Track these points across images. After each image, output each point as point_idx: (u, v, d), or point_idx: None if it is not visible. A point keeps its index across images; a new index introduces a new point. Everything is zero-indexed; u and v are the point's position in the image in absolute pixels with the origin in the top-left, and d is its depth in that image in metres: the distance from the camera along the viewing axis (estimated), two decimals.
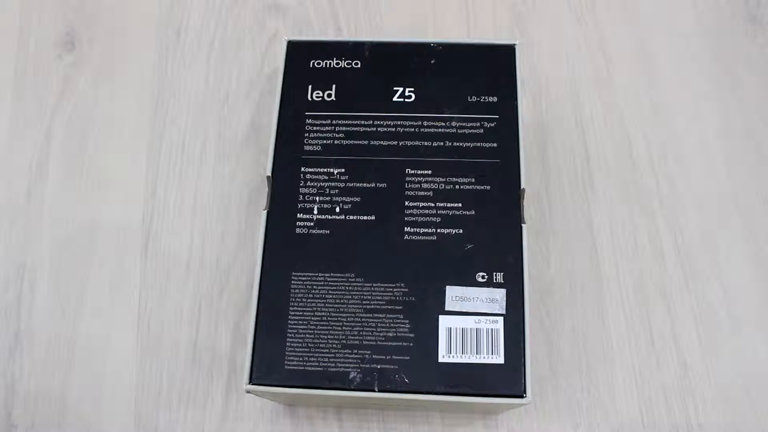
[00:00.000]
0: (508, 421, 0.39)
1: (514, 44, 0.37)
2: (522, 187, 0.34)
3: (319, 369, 0.31)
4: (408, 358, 0.31)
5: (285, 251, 0.33)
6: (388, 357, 0.31)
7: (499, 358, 0.31)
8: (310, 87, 0.36)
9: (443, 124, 0.35)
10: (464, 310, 0.32)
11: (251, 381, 0.31)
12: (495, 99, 0.36)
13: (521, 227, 0.33)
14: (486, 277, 0.33)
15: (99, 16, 0.49)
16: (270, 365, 0.31)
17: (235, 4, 0.50)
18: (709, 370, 0.41)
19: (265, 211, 0.34)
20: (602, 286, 0.42)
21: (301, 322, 0.32)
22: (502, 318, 0.32)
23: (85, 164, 0.45)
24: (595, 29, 0.50)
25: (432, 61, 0.37)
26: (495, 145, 0.35)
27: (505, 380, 0.31)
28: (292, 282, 0.33)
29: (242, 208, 0.44)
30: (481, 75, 0.37)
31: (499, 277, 0.33)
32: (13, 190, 0.45)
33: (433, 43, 0.37)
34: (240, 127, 0.46)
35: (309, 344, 0.31)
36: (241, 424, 0.39)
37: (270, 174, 0.35)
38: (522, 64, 0.37)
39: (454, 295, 0.32)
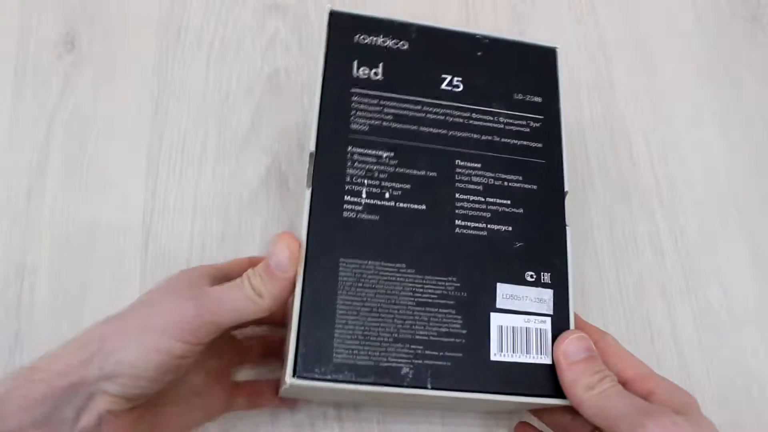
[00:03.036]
0: (508, 421, 0.39)
1: (555, 48, 0.37)
2: (566, 190, 0.34)
3: (370, 363, 0.29)
4: (460, 355, 0.30)
5: (331, 235, 0.31)
6: (440, 353, 0.30)
7: (547, 359, 0.31)
8: (355, 62, 0.34)
9: (491, 118, 0.35)
10: (515, 309, 0.31)
11: (296, 374, 0.28)
12: (539, 99, 0.36)
13: (566, 229, 0.33)
14: (534, 276, 0.32)
15: (99, 16, 0.49)
16: (317, 357, 0.29)
17: (235, 4, 0.50)
18: (709, 370, 0.41)
19: (309, 189, 0.32)
20: (602, 286, 0.42)
21: (350, 312, 0.30)
22: (549, 318, 0.32)
23: (85, 164, 0.45)
24: (595, 29, 0.50)
25: (479, 54, 0.36)
26: (540, 145, 0.35)
27: (553, 381, 0.31)
28: (341, 269, 0.30)
29: (242, 208, 0.44)
30: (525, 74, 0.36)
31: (546, 277, 0.32)
32: (13, 190, 0.44)
33: (480, 35, 0.37)
34: (240, 127, 0.46)
35: (359, 336, 0.29)
36: (242, 424, 0.39)
37: (314, 150, 0.32)
38: (561, 67, 0.37)
39: (505, 293, 0.32)
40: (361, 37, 0.35)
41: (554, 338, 0.31)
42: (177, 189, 0.45)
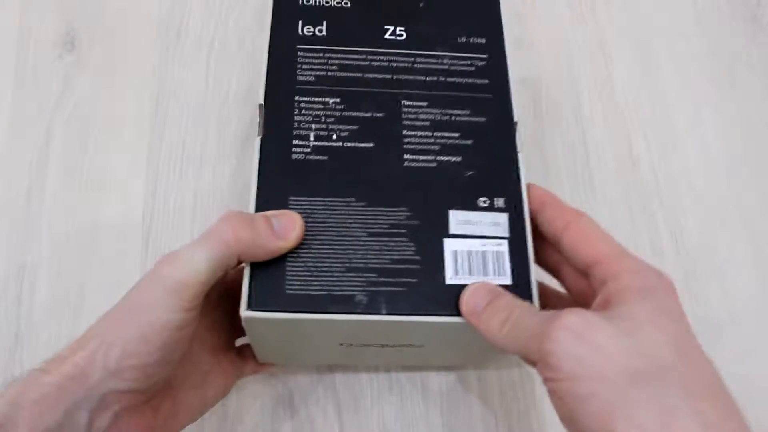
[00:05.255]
0: (508, 422, 0.39)
1: None
2: (515, 120, 0.35)
3: (323, 293, 0.30)
4: (415, 280, 0.30)
5: (281, 177, 0.32)
6: (394, 279, 0.30)
7: (506, 279, 0.31)
8: (300, 22, 0.36)
9: (436, 61, 0.36)
10: (469, 234, 0.32)
11: (250, 306, 0.29)
12: (483, 41, 0.37)
13: (517, 155, 0.34)
14: (488, 202, 0.33)
15: (99, 16, 0.49)
16: (270, 290, 0.29)
17: (235, 4, 0.50)
18: None
19: (259, 137, 0.33)
20: None
21: (301, 247, 0.30)
22: (506, 241, 0.32)
23: (85, 164, 0.45)
24: (595, 29, 0.50)
25: (421, 4, 0.38)
26: (486, 81, 0.36)
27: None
28: (290, 207, 0.31)
29: (242, 209, 0.44)
30: (468, 18, 0.37)
31: (500, 202, 0.33)
32: (13, 190, 0.45)
33: None
34: (240, 127, 0.46)
35: (311, 268, 0.30)
36: (241, 424, 0.39)
37: (263, 102, 0.34)
38: (506, 9, 0.38)
39: (458, 219, 0.32)
40: (305, 0, 0.37)
41: (513, 259, 0.31)
42: (177, 189, 0.45)
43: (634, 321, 0.25)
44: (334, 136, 0.33)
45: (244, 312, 0.29)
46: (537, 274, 0.33)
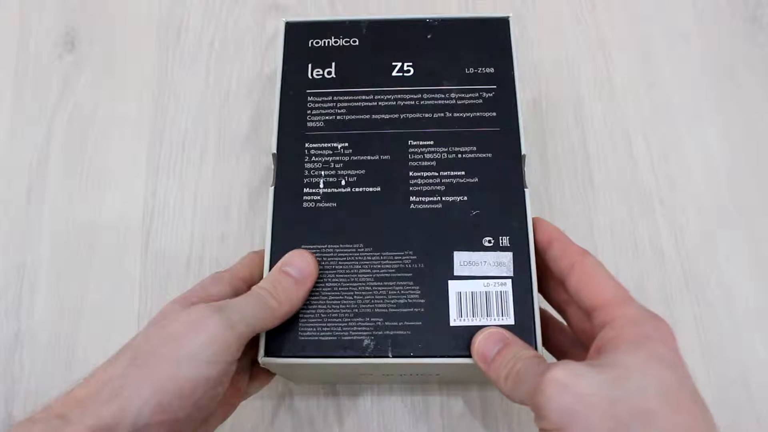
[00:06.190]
0: (508, 423, 0.39)
1: (508, 17, 0.38)
2: (523, 153, 0.35)
3: (333, 338, 0.31)
4: (420, 323, 0.31)
5: (293, 226, 0.33)
6: (400, 323, 0.31)
7: (509, 320, 0.31)
8: (310, 66, 0.37)
9: (443, 96, 0.36)
10: (473, 275, 0.32)
11: (266, 354, 0.31)
12: (492, 70, 0.37)
13: (524, 192, 0.34)
14: (492, 241, 0.33)
15: (99, 16, 0.49)
16: (284, 337, 0.31)
17: (235, 4, 0.50)
18: (709, 370, 0.41)
19: (272, 187, 0.34)
20: None
21: (312, 294, 0.32)
22: (510, 280, 0.32)
23: (85, 164, 0.45)
24: (595, 29, 0.50)
25: (429, 36, 0.37)
26: (494, 114, 0.36)
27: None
28: None
29: (242, 208, 0.44)
30: (478, 47, 0.37)
31: (505, 240, 0.33)
32: (13, 190, 0.45)
33: (429, 19, 0.38)
34: (240, 127, 0.46)
35: (321, 315, 0.32)
36: (241, 425, 0.39)
37: (275, 151, 0.35)
38: (516, 36, 0.37)
39: (462, 260, 0.33)
40: (315, 41, 0.37)
41: (516, 299, 0.32)
42: (177, 189, 0.45)
43: (622, 369, 0.25)
44: (343, 182, 0.34)
45: (262, 358, 0.31)
46: (545, 308, 0.34)
